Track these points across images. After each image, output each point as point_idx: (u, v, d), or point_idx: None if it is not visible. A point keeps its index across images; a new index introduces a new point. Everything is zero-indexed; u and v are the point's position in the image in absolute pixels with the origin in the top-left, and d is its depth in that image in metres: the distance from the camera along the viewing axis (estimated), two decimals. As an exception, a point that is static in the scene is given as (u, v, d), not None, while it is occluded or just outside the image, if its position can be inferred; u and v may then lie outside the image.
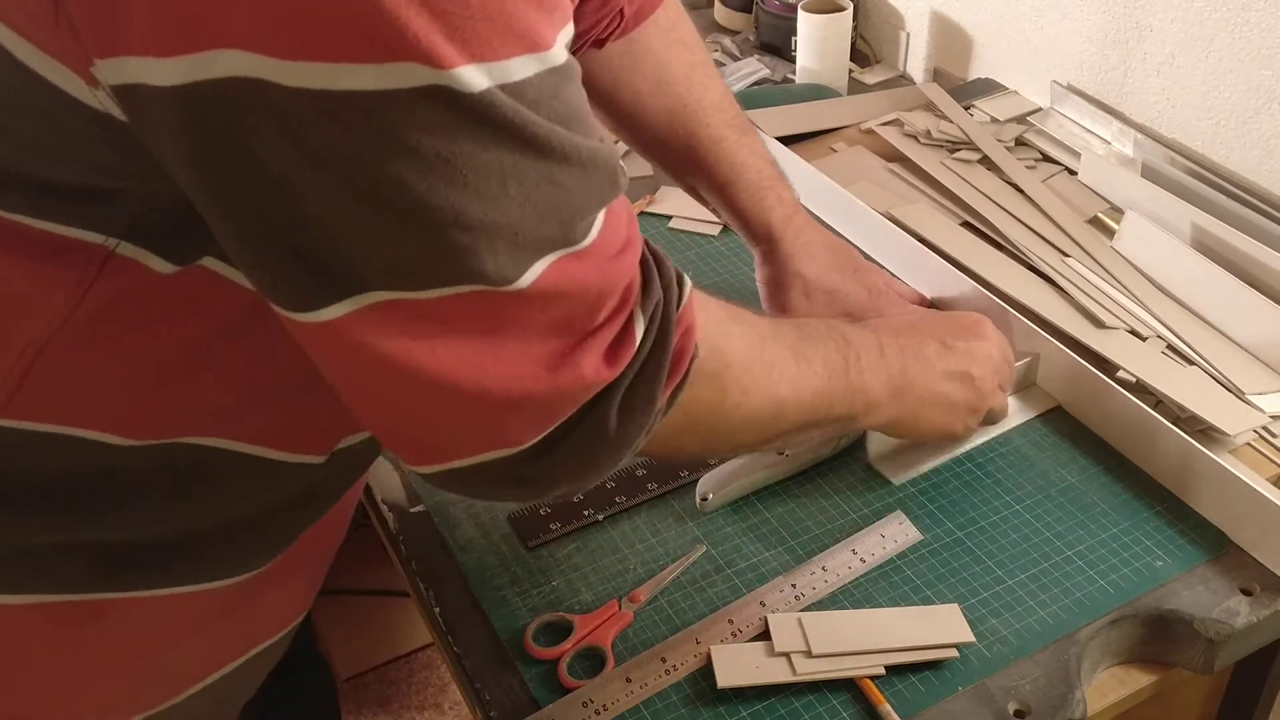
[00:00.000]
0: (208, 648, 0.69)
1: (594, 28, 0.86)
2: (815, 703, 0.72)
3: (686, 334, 0.60)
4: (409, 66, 0.44)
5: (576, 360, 0.55)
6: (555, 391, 0.55)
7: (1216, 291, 0.98)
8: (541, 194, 0.50)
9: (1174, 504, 0.84)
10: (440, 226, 0.48)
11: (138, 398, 0.57)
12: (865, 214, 1.09)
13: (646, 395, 0.58)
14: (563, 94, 0.51)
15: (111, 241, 0.53)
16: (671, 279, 0.60)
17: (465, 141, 0.47)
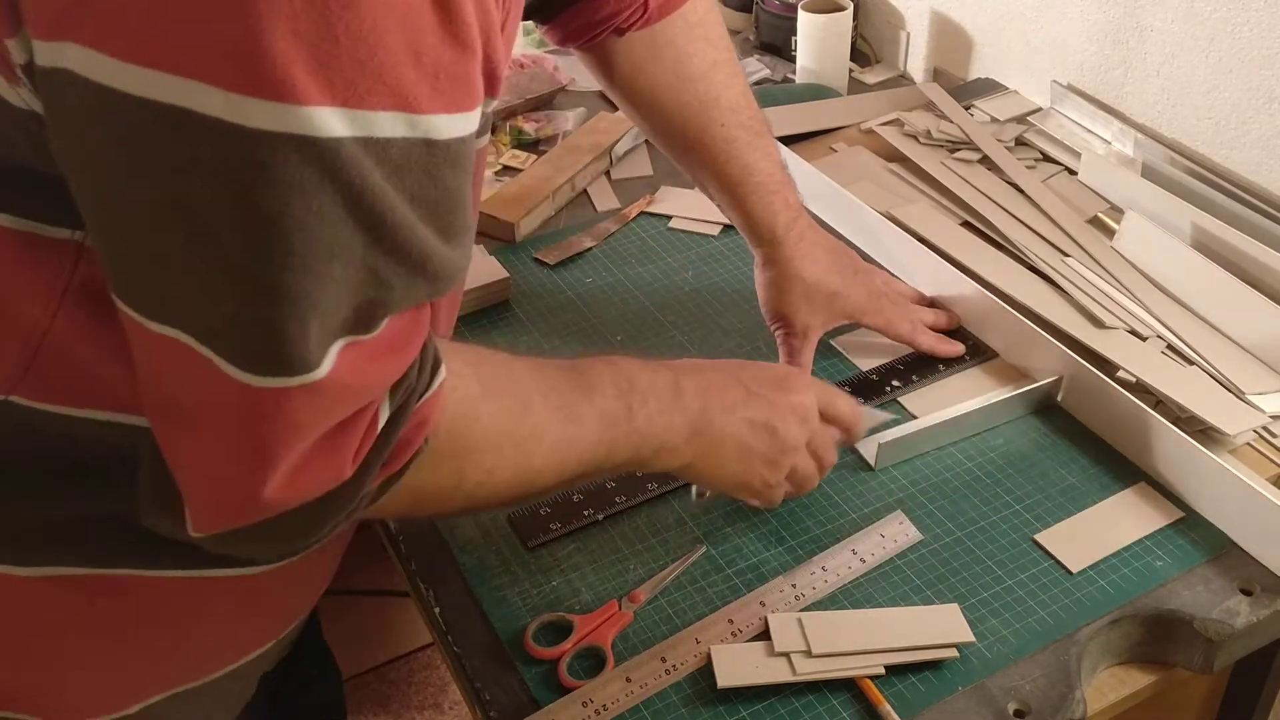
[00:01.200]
0: (237, 633, 0.70)
1: (616, 16, 0.86)
2: (815, 703, 0.72)
3: (419, 426, 0.57)
4: (260, 104, 0.42)
5: (325, 464, 0.52)
6: (292, 499, 0.53)
7: (1216, 291, 0.98)
8: (358, 279, 0.48)
9: (1174, 504, 0.84)
10: (258, 292, 0.46)
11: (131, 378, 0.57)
12: (865, 214, 1.09)
13: (355, 485, 0.55)
14: (436, 174, 0.48)
15: (79, 234, 0.53)
16: (428, 365, 0.57)
17: (300, 203, 0.44)
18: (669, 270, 1.10)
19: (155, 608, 0.65)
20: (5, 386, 0.56)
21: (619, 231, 1.16)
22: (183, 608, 0.66)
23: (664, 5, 0.88)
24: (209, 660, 0.69)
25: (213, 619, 0.68)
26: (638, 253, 1.13)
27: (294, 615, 0.75)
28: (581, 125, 1.31)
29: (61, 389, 0.57)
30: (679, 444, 0.73)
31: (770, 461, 0.77)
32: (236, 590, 0.67)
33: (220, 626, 0.69)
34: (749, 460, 0.76)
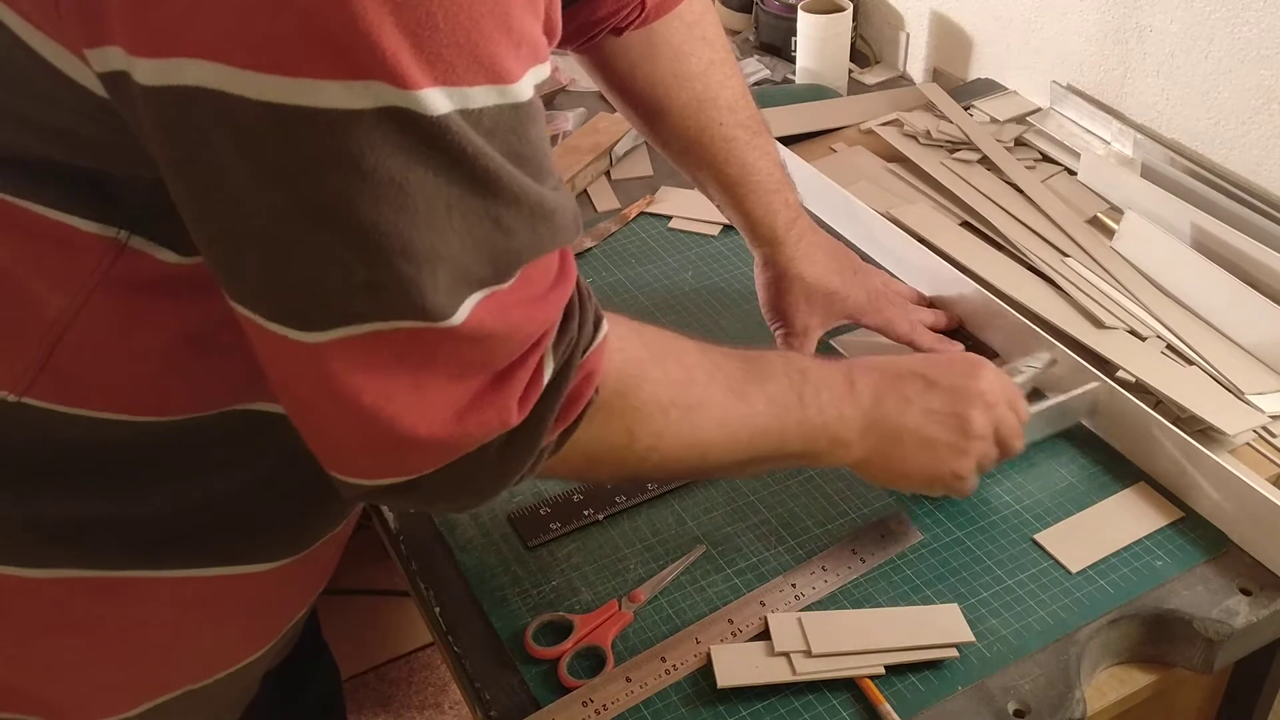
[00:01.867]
0: (241, 631, 0.70)
1: (613, 16, 0.86)
2: (815, 702, 0.72)
3: (587, 379, 0.59)
4: (374, 85, 0.44)
5: (490, 405, 0.55)
6: (462, 438, 0.55)
7: (1216, 291, 0.98)
8: (483, 230, 0.50)
9: (1174, 504, 0.84)
10: (387, 254, 0.48)
11: (159, 376, 0.58)
12: (865, 214, 1.09)
13: (533, 436, 0.58)
14: (522, 131, 0.50)
15: (123, 234, 0.54)
16: (589, 321, 0.60)
17: (418, 167, 0.47)
18: (669, 270, 1.10)
19: (161, 608, 0.65)
20: (21, 386, 0.56)
21: (619, 231, 1.16)
22: (188, 608, 0.66)
23: (661, 5, 0.87)
24: (214, 660, 0.70)
25: (217, 618, 0.68)
26: (638, 253, 1.13)
27: (296, 610, 0.75)
28: (581, 126, 1.31)
29: (75, 389, 0.57)
30: (852, 438, 0.73)
31: (958, 450, 0.76)
32: (241, 588, 0.67)
33: (225, 626, 0.69)
34: (933, 451, 0.75)
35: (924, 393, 0.75)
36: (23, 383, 0.56)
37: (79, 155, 0.52)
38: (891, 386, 0.75)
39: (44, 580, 0.61)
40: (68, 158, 0.53)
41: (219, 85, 0.44)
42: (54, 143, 0.52)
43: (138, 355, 0.57)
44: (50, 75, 0.48)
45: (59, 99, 0.49)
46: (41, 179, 0.53)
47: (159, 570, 0.63)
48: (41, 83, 0.49)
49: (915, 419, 0.75)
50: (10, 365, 0.56)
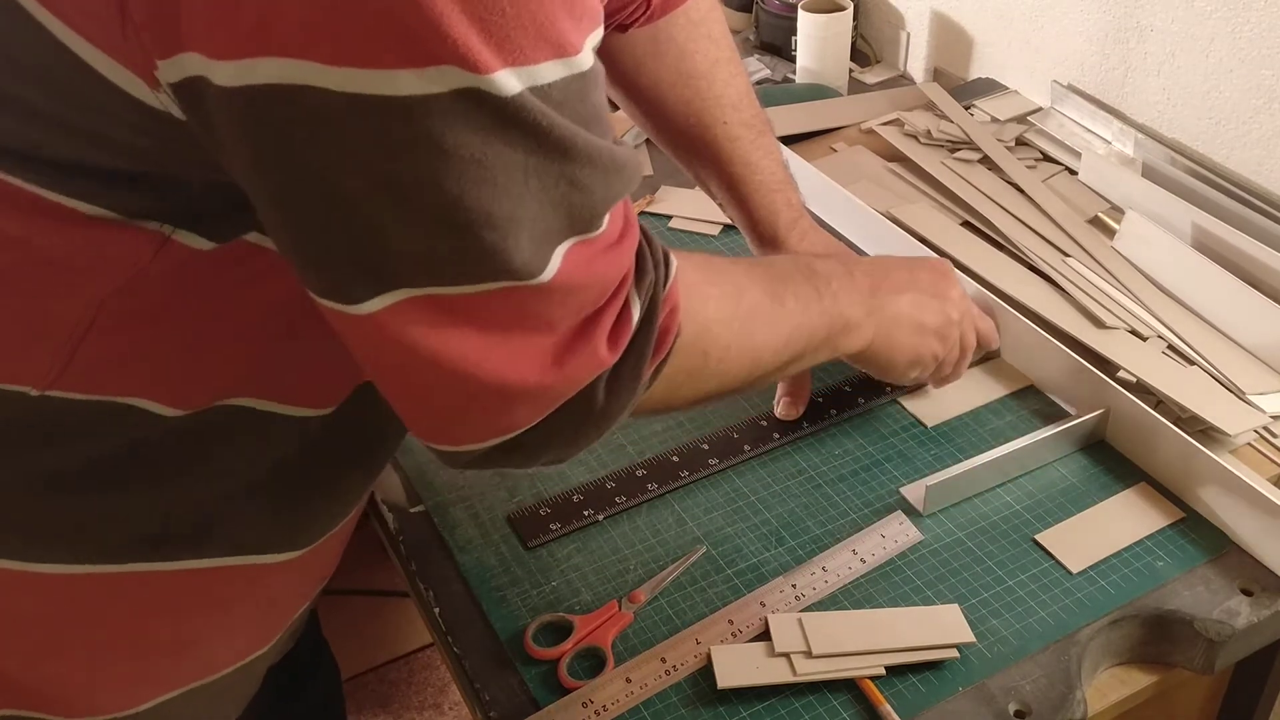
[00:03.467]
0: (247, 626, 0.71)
1: (619, 13, 0.86)
2: (815, 703, 0.72)
3: (672, 313, 0.63)
4: (448, 70, 0.46)
5: (582, 349, 0.57)
6: (563, 382, 0.57)
7: (1217, 291, 0.98)
8: (561, 191, 0.53)
9: (1174, 504, 0.83)
10: (472, 226, 0.50)
11: (181, 365, 0.59)
12: (865, 214, 1.09)
13: (633, 374, 0.61)
14: (587, 97, 0.52)
15: (167, 228, 0.55)
16: (660, 258, 0.62)
17: (496, 143, 0.49)
18: (669, 270, 1.10)
19: (167, 602, 0.65)
20: (47, 380, 0.57)
21: (619, 231, 1.15)
22: (195, 601, 0.66)
23: (667, 2, 0.87)
24: (220, 657, 0.70)
25: (224, 613, 0.68)
26: (638, 253, 1.12)
27: (300, 604, 0.75)
28: (581, 125, 1.31)
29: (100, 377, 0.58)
30: (861, 319, 0.78)
31: (941, 335, 0.84)
32: (247, 581, 0.67)
33: (231, 620, 0.69)
34: (923, 334, 0.83)
35: (910, 283, 0.83)
36: (48, 378, 0.57)
37: (128, 162, 0.53)
38: (883, 276, 0.82)
39: (51, 575, 0.61)
40: (115, 163, 0.54)
41: (302, 80, 0.46)
42: (103, 150, 0.53)
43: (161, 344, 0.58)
44: (102, 87, 0.49)
45: (110, 110, 0.50)
46: (88, 179, 0.54)
47: (166, 563, 0.64)
48: (93, 95, 0.50)
49: (907, 305, 0.82)
50: (37, 361, 0.57)
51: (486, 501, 0.86)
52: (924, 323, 0.82)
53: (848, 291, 0.78)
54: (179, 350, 0.59)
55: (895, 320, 0.81)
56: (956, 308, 0.85)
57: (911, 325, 0.82)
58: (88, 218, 0.54)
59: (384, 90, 0.46)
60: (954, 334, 0.85)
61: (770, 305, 0.72)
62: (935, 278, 0.85)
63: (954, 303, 0.85)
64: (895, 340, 0.81)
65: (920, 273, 0.84)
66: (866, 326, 0.79)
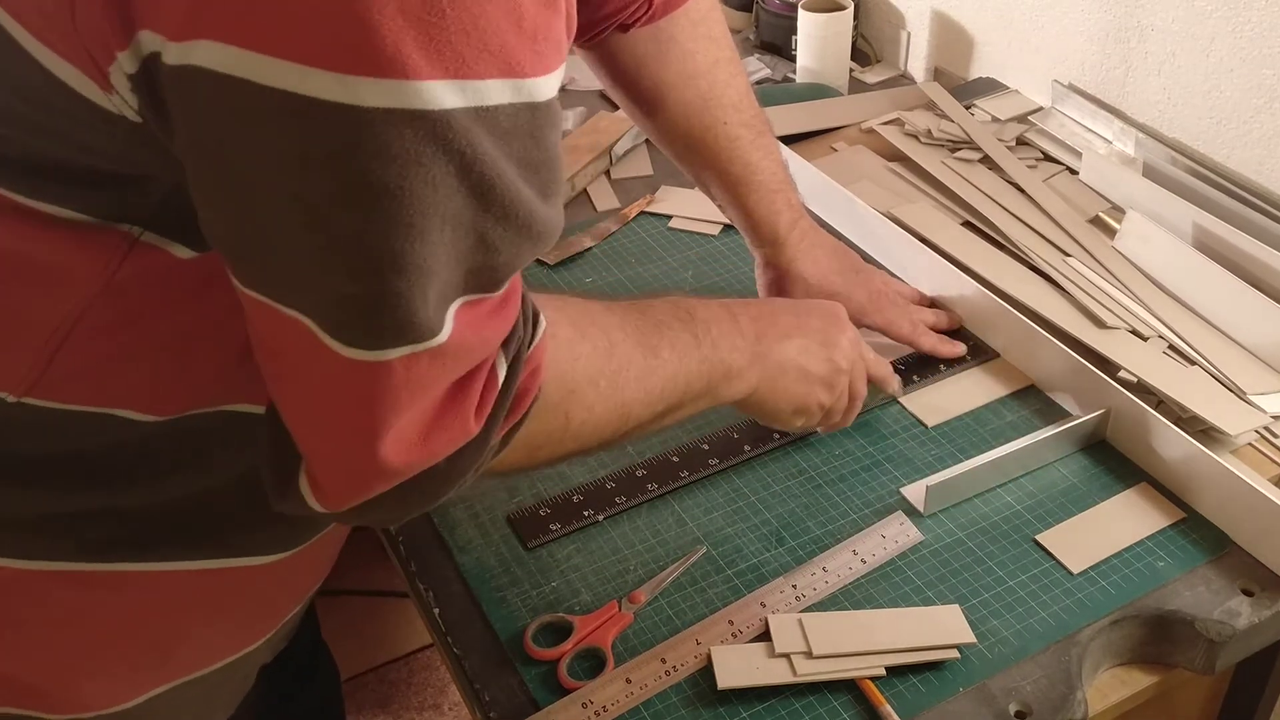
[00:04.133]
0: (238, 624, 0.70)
1: (620, 12, 0.85)
2: (816, 704, 0.72)
3: (533, 375, 0.59)
4: (374, 83, 0.43)
5: (451, 422, 0.54)
6: (426, 459, 0.55)
7: (1218, 291, 0.98)
8: (470, 245, 0.50)
9: (1175, 504, 0.83)
10: (379, 266, 0.47)
11: (159, 373, 0.58)
12: (866, 213, 1.08)
13: (482, 440, 0.57)
14: (539, 136, 0.50)
15: (135, 230, 0.54)
16: (530, 315, 0.59)
17: (414, 176, 0.46)
18: (669, 270, 1.10)
19: (159, 600, 0.65)
20: (21, 388, 0.56)
21: (619, 231, 1.15)
22: (186, 600, 0.66)
23: (668, 2, 0.87)
24: (211, 652, 0.70)
25: (214, 611, 0.68)
26: (638, 253, 1.12)
27: (293, 604, 0.75)
28: (581, 125, 1.31)
29: (76, 387, 0.57)
30: (744, 366, 0.76)
31: (827, 384, 0.81)
32: (237, 581, 0.67)
33: (222, 618, 0.69)
34: (809, 383, 0.80)
35: (798, 328, 0.80)
36: (24, 385, 0.56)
37: (94, 160, 0.52)
38: (770, 322, 0.79)
39: (42, 573, 0.61)
40: (83, 162, 0.53)
41: (225, 68, 0.44)
42: (69, 149, 0.52)
43: (139, 353, 0.57)
44: (61, 91, 0.49)
45: (69, 112, 0.50)
46: (56, 180, 0.53)
47: (157, 563, 0.63)
48: (54, 99, 0.49)
49: (793, 351, 0.79)
50: (12, 368, 0.56)
51: (486, 502, 0.86)
52: (810, 370, 0.80)
53: (730, 337, 0.75)
54: (160, 359, 0.58)
55: (780, 367, 0.78)
56: (845, 356, 0.82)
57: (797, 373, 0.79)
58: (57, 220, 0.53)
59: (308, 90, 0.43)
60: (841, 382, 0.82)
61: (643, 358, 0.69)
62: (825, 324, 0.82)
63: (843, 350, 0.82)
64: (780, 388, 0.79)
65: (810, 318, 0.82)
66: (750, 374, 0.76)
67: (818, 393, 0.81)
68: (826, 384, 0.81)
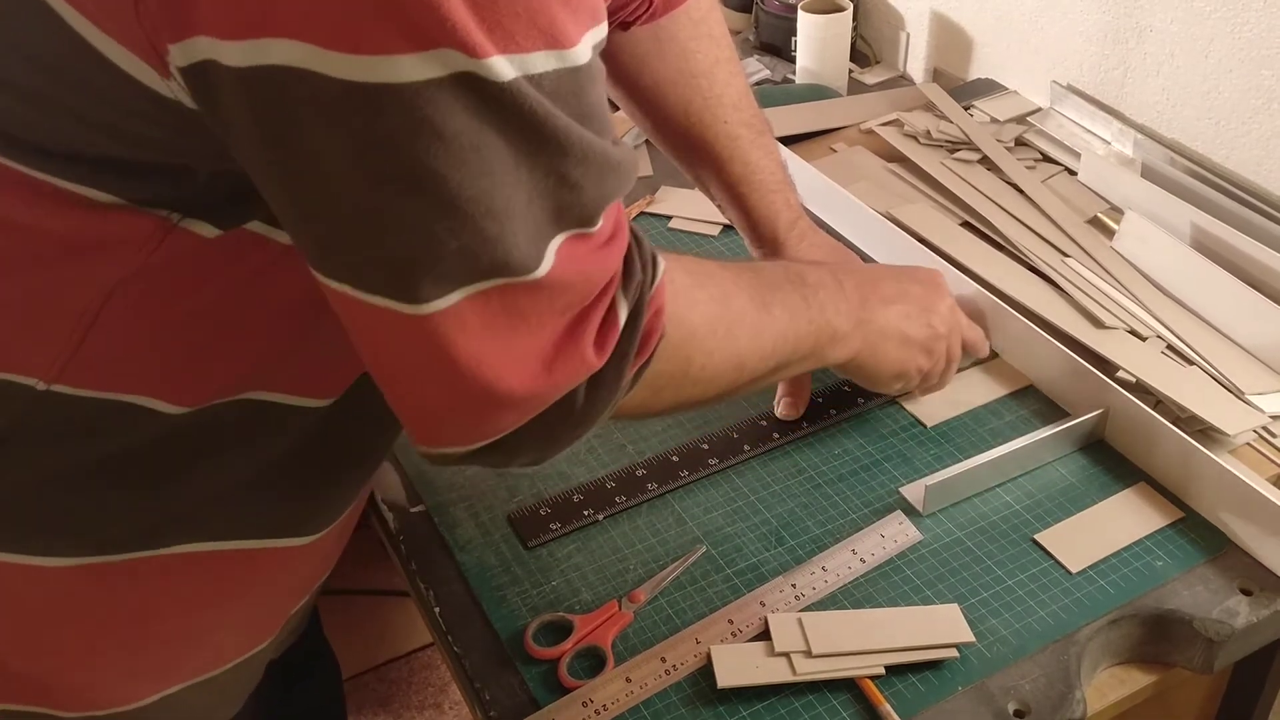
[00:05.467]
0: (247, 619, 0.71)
1: (621, 10, 0.86)
2: (815, 703, 0.72)
3: (657, 315, 0.62)
4: (446, 53, 0.46)
5: (571, 353, 0.57)
6: (551, 388, 0.57)
7: (1216, 292, 0.98)
8: (552, 184, 0.52)
9: (1174, 504, 0.84)
10: (473, 217, 0.50)
11: (185, 359, 0.59)
12: (865, 214, 1.09)
13: (615, 376, 0.60)
14: (583, 93, 0.52)
15: (175, 217, 0.55)
16: (648, 259, 0.62)
17: (490, 131, 0.49)
18: (669, 270, 1.10)
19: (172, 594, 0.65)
20: (53, 373, 0.57)
21: (619, 231, 1.15)
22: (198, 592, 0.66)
23: (668, 1, 0.88)
24: (224, 650, 0.70)
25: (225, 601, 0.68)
26: (638, 253, 1.12)
27: (301, 596, 0.75)
28: (581, 125, 1.31)
29: (106, 372, 0.58)
30: (850, 331, 0.78)
31: (926, 350, 0.84)
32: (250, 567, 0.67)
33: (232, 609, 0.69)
34: (909, 348, 0.83)
35: (900, 295, 0.83)
36: (55, 369, 0.57)
37: (138, 151, 0.53)
38: (873, 288, 0.82)
39: (57, 569, 0.61)
40: (125, 153, 0.54)
41: (305, 64, 0.46)
42: (113, 139, 0.53)
43: (168, 337, 0.58)
44: (114, 76, 0.49)
45: (121, 99, 0.50)
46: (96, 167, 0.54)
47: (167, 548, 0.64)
48: (105, 85, 0.50)
49: (896, 318, 0.82)
50: (45, 351, 0.57)
51: (486, 501, 0.86)
52: (911, 336, 0.83)
53: (836, 302, 0.78)
54: (186, 344, 0.59)
55: (882, 333, 0.81)
56: (944, 321, 0.85)
57: (898, 338, 0.82)
58: (95, 203, 0.54)
59: (383, 77, 0.46)
60: (940, 348, 0.85)
61: (757, 312, 0.72)
62: (925, 290, 0.85)
63: (942, 316, 0.85)
64: (881, 352, 0.81)
65: (910, 285, 0.85)
66: (853, 338, 0.79)
67: (917, 357, 0.84)
68: (926, 349, 0.84)
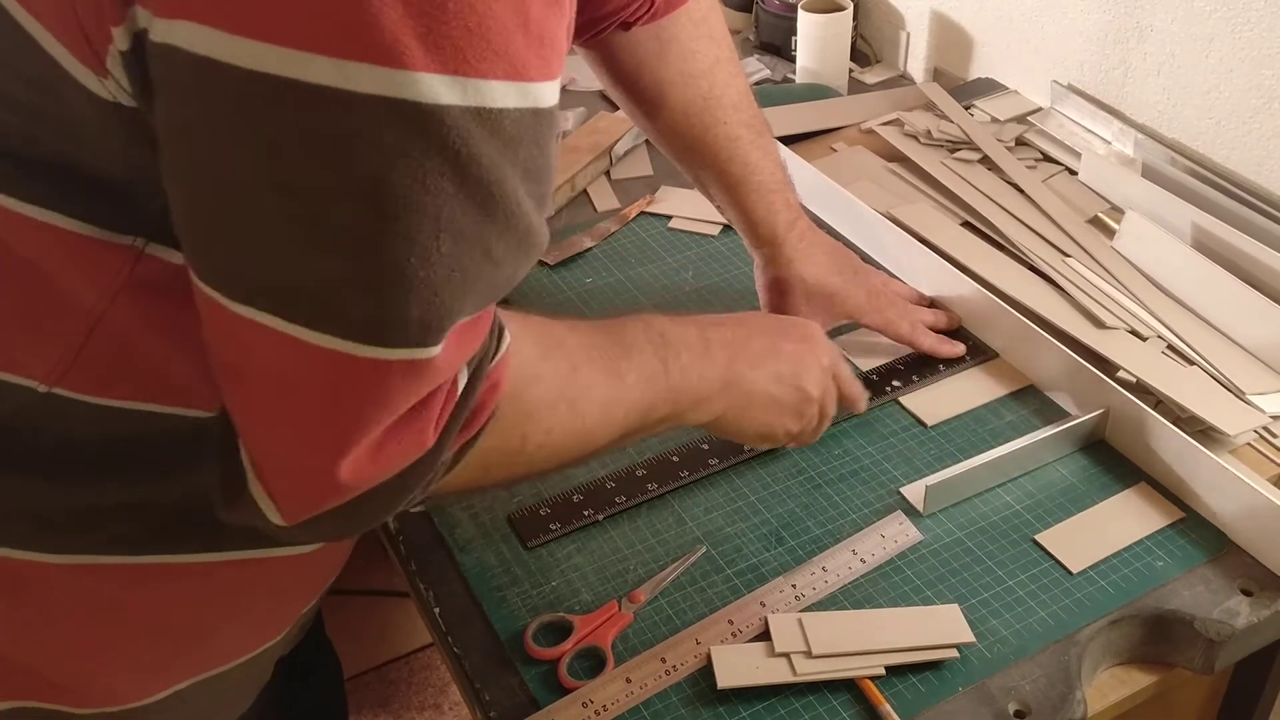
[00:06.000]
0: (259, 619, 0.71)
1: (622, 10, 0.85)
2: (815, 703, 0.72)
3: (491, 390, 0.57)
4: (368, 69, 0.42)
5: (408, 436, 0.52)
6: (376, 474, 0.53)
7: (1217, 291, 0.98)
8: (475, 257, 0.48)
9: (1174, 504, 0.83)
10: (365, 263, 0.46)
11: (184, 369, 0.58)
12: (865, 214, 1.09)
13: (433, 455, 0.55)
14: (543, 144, 0.48)
15: (140, 242, 0.54)
16: (494, 329, 0.57)
17: (403, 171, 0.44)
18: (669, 270, 1.10)
19: (184, 593, 0.65)
20: (52, 377, 0.57)
21: (619, 231, 1.16)
22: (211, 592, 0.66)
23: (669, 1, 0.88)
24: (234, 646, 0.70)
25: (237, 603, 0.68)
26: (638, 253, 1.13)
27: (312, 596, 0.75)
28: (581, 125, 1.31)
29: (106, 380, 0.58)
30: (712, 395, 0.75)
31: (796, 413, 0.80)
32: (261, 572, 0.67)
33: (245, 610, 0.69)
34: (777, 412, 0.79)
35: (771, 355, 0.79)
36: (55, 373, 0.57)
37: (98, 161, 0.52)
38: (743, 347, 0.78)
39: (69, 566, 0.61)
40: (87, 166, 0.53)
41: (208, 51, 0.43)
42: (73, 148, 0.52)
43: (164, 351, 0.58)
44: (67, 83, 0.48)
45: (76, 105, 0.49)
46: (65, 189, 0.53)
47: (181, 555, 0.64)
48: (61, 90, 0.49)
49: (764, 381, 0.78)
50: (45, 355, 0.57)
51: (486, 501, 0.86)
52: (779, 399, 0.79)
53: (700, 364, 0.74)
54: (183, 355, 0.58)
55: (749, 396, 0.77)
56: (817, 383, 0.81)
57: (765, 401, 0.78)
58: (64, 232, 0.53)
59: (294, 74, 0.42)
60: (810, 410, 0.81)
61: (607, 381, 0.68)
62: (798, 348, 0.81)
63: (814, 378, 0.81)
64: (746, 416, 0.78)
65: (784, 342, 0.80)
66: (716, 401, 0.75)
67: (785, 420, 0.80)
68: (795, 412, 0.80)
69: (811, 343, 0.82)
